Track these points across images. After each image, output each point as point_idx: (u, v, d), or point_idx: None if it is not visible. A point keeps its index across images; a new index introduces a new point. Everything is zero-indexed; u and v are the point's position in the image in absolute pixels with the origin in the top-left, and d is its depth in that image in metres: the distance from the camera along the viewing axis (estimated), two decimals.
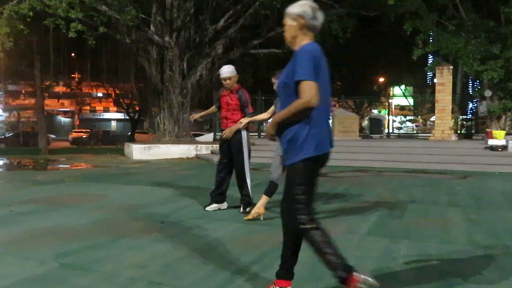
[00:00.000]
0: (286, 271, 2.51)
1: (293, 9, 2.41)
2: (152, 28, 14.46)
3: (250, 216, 4.51)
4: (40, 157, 15.34)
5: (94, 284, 2.72)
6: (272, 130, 2.39)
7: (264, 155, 11.36)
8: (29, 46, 19.22)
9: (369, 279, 2.23)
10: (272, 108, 4.61)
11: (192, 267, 3.07)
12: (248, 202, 4.91)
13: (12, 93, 38.28)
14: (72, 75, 32.94)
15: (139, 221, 4.51)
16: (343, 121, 14.62)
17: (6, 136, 31.19)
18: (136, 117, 31.85)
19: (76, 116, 47.52)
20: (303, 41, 2.38)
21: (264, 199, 4.50)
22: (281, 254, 2.54)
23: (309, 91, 2.18)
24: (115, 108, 43.90)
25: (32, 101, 31.12)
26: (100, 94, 42.17)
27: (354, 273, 2.22)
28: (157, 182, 7.43)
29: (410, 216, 4.79)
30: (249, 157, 4.96)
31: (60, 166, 11.76)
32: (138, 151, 13.12)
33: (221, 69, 4.94)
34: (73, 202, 5.56)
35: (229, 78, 4.84)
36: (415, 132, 23.09)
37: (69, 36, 12.58)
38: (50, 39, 16.89)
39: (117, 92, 31.01)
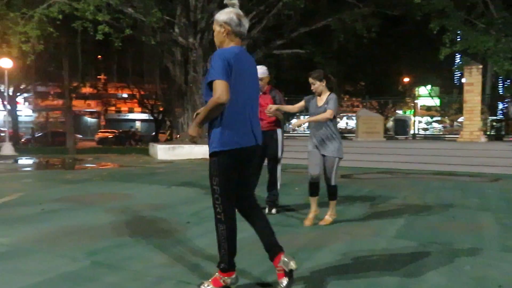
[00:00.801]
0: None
1: (220, 16, 2.55)
2: (176, 29, 14.65)
3: (327, 222, 4.44)
4: (68, 157, 15.74)
5: (124, 282, 2.77)
6: (194, 132, 2.52)
7: (288, 156, 11.33)
8: (58, 48, 19.76)
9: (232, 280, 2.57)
10: (301, 103, 4.60)
11: None
12: (274, 203, 4.91)
13: (41, 94, 39.51)
14: (98, 77, 33.71)
15: (165, 220, 4.56)
16: (367, 122, 14.42)
17: (36, 136, 32.11)
18: (160, 117, 32.33)
19: (102, 117, 48.55)
20: (229, 46, 2.52)
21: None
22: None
23: (219, 89, 2.32)
24: (139, 109, 44.65)
25: (60, 102, 31.99)
26: (125, 95, 43.01)
27: (233, 273, 2.58)
28: (181, 182, 7.51)
29: (439, 220, 4.68)
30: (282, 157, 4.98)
31: (87, 165, 12.03)
32: (163, 151, 13.29)
33: None
34: (100, 201, 5.68)
35: (261, 79, 4.83)
36: (441, 133, 22.58)
37: (96, 38, 12.87)
38: (78, 41, 17.32)
39: (142, 93, 31.55)
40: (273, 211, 4.87)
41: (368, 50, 20.91)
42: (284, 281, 2.53)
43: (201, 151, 13.27)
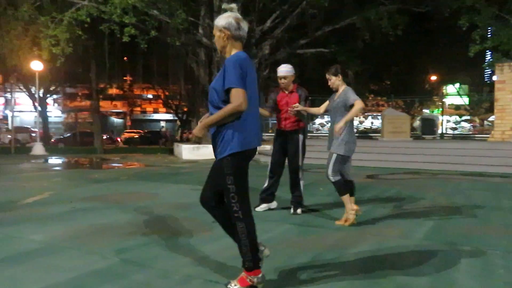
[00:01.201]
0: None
1: (219, 21, 2.62)
2: (200, 30, 14.77)
3: (346, 223, 4.33)
4: (95, 156, 16.12)
5: (152, 280, 2.81)
6: (200, 133, 2.56)
7: (311, 156, 11.25)
8: (86, 50, 20.26)
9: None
10: (325, 104, 4.56)
11: None
12: (299, 203, 4.88)
13: (70, 95, 40.61)
14: (124, 78, 34.37)
15: (191, 219, 4.60)
16: (393, 121, 14.18)
17: (65, 136, 33.00)
18: (184, 117, 32.71)
19: (128, 117, 49.48)
20: (232, 50, 2.60)
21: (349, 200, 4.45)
22: None
23: (238, 97, 2.41)
24: (164, 109, 45.29)
25: (88, 103, 32.76)
26: (150, 96, 43.71)
27: (259, 271, 2.59)
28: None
29: (470, 222, 4.55)
30: (304, 157, 4.95)
31: (114, 165, 12.29)
32: (187, 151, 13.44)
33: (279, 67, 4.90)
34: (128, 200, 5.79)
35: (285, 78, 4.80)
36: (471, 133, 21.95)
37: (122, 40, 13.12)
38: (105, 43, 17.69)
39: (166, 93, 31.99)
40: (298, 211, 4.85)
41: (394, 48, 20.54)
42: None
43: None
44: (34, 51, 14.67)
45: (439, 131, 18.47)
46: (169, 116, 46.10)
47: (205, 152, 13.32)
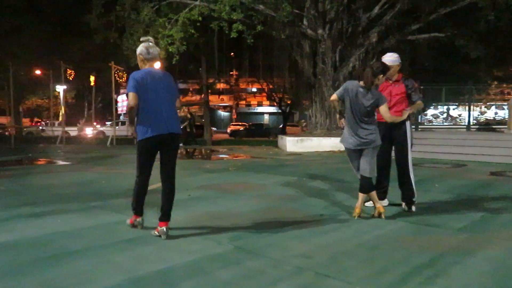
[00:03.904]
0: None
1: (138, 48, 3.76)
2: (305, 22, 14.69)
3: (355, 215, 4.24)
4: (206, 148, 17.17)
5: (265, 268, 2.88)
6: (132, 131, 3.81)
7: (423, 150, 10.51)
8: (197, 48, 21.59)
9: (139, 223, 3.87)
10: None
11: (358, 263, 3.00)
12: (411, 199, 4.58)
13: (182, 91, 43.89)
14: (230, 73, 35.93)
15: (298, 211, 4.63)
16: None
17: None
18: (287, 110, 33.04)
19: (234, 110, 51.72)
20: (143, 67, 3.76)
21: (361, 197, 4.27)
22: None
23: (129, 98, 3.53)
24: (267, 102, 46.35)
25: (198, 97, 35.01)
26: (254, 89, 45.07)
27: (138, 217, 3.85)
28: (311, 174, 7.54)
29: None
30: (411, 150, 4.63)
31: (223, 156, 12.95)
32: (291, 144, 13.55)
33: (384, 56, 4.65)
34: (238, 190, 6.04)
35: (391, 67, 4.53)
36: None
37: (231, 36, 13.67)
38: (214, 40, 18.64)
39: (270, 86, 32.61)
40: (413, 208, 4.55)
41: None
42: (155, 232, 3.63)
43: (329, 143, 13.17)
44: None
45: None
46: (272, 109, 47.05)
47: (309, 145, 13.31)
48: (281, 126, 33.56)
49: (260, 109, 52.71)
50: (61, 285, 2.62)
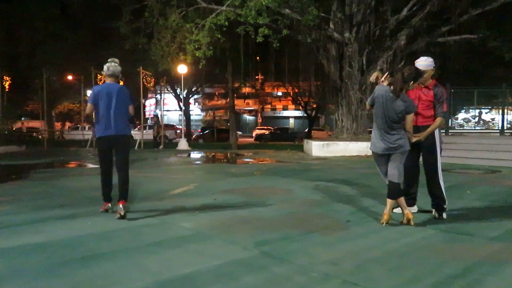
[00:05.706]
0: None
1: (104, 67, 4.62)
2: (331, 25, 14.59)
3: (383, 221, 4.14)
4: (231, 152, 17.25)
5: (291, 275, 2.85)
6: (93, 133, 4.54)
7: (454, 155, 10.21)
8: (223, 52, 21.76)
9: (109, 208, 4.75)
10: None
11: (386, 271, 2.92)
12: (441, 206, 4.44)
13: (208, 95, 44.32)
14: (256, 77, 35.97)
15: (325, 217, 4.57)
16: None
17: (204, 132, 36.14)
18: (313, 114, 32.80)
19: (259, 114, 51.78)
20: (104, 83, 4.68)
21: (389, 203, 4.15)
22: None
23: (86, 108, 4.67)
24: (293, 106, 46.16)
25: (224, 101, 35.26)
26: (279, 93, 45.00)
27: (107, 203, 4.77)
28: (338, 179, 7.45)
29: None
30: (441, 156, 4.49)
31: (248, 160, 12.96)
32: (317, 148, 13.44)
33: (417, 60, 4.53)
34: (263, 194, 6.02)
35: (424, 72, 4.41)
36: None
37: (257, 40, 13.71)
38: (240, 45, 18.75)
39: (296, 90, 32.48)
40: (444, 215, 4.40)
41: None
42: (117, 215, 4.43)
43: (356, 148, 12.99)
44: (181, 55, 16.31)
45: None
46: (298, 113, 46.82)
47: (335, 149, 13.16)
48: (306, 130, 33.37)
49: (285, 113, 52.57)
50: (91, 287, 2.67)
